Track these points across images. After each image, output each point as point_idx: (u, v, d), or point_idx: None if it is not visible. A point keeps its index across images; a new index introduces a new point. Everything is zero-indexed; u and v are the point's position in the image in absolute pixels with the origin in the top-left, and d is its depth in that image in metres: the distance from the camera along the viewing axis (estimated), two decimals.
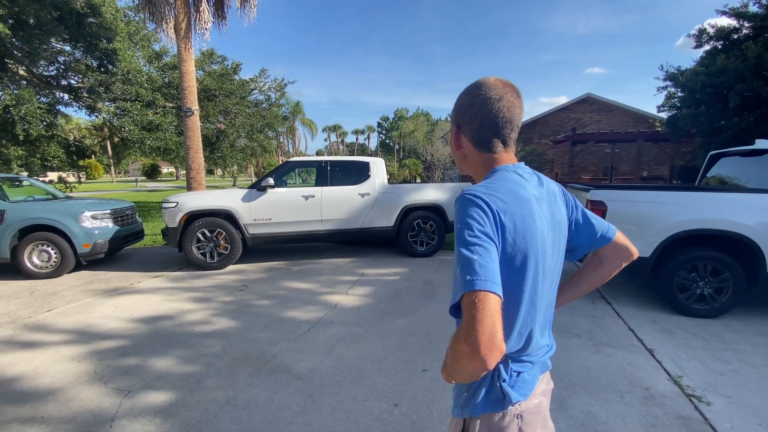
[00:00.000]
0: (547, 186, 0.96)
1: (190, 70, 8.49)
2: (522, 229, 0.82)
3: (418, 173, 29.72)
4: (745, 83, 8.65)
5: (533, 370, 0.90)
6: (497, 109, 0.89)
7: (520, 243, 0.81)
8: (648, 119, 19.10)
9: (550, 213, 0.90)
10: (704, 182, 5.02)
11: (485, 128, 0.91)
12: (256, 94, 15.32)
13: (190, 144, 8.67)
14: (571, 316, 3.80)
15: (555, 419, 2.18)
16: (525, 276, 0.83)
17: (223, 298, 4.37)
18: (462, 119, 0.95)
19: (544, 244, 0.86)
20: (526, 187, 0.88)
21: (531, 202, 0.85)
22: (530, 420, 0.87)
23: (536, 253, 0.84)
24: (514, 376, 0.87)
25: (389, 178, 6.56)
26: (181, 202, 5.60)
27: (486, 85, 0.91)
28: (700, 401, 2.38)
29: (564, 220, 0.96)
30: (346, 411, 2.28)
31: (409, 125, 52.12)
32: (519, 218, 0.82)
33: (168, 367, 2.81)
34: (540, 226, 0.85)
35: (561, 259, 0.95)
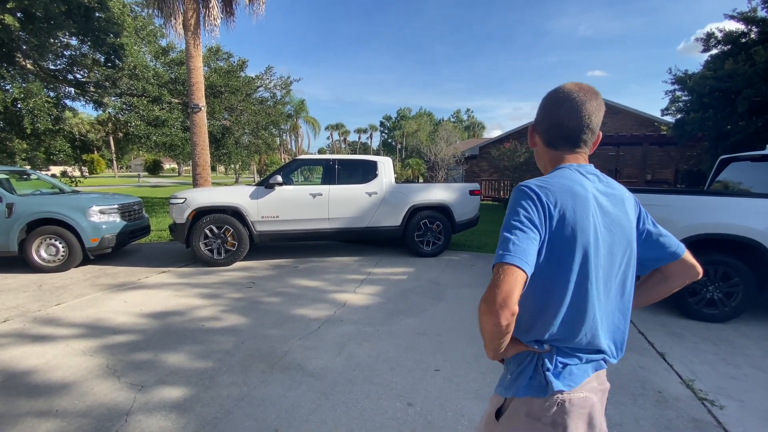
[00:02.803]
0: (613, 189, 0.98)
1: (198, 66, 8.50)
2: (572, 222, 0.87)
3: (421, 173, 29.70)
4: (754, 88, 8.63)
5: (583, 366, 0.93)
6: (564, 112, 0.96)
7: (569, 234, 0.87)
8: (653, 122, 19.04)
9: (608, 214, 0.93)
10: (714, 186, 5.01)
11: (553, 129, 1.00)
12: (262, 92, 15.33)
13: (197, 140, 8.68)
14: None
15: None
16: (572, 265, 0.88)
17: (231, 294, 4.38)
18: (537, 119, 1.04)
19: (597, 241, 0.89)
20: (584, 184, 0.93)
21: (587, 198, 0.90)
22: (571, 411, 0.89)
23: (585, 247, 0.88)
24: (560, 367, 0.91)
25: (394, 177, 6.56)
26: (189, 198, 5.61)
27: (560, 90, 0.98)
28: (713, 405, 2.38)
29: (629, 226, 0.97)
30: (360, 409, 2.28)
31: (412, 125, 52.10)
32: (570, 211, 0.87)
33: (180, 362, 2.82)
34: (593, 222, 0.89)
35: (624, 264, 0.95)
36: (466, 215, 6.58)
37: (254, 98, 14.98)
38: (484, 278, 5.15)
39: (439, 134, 21.89)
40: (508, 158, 15.76)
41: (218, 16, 8.76)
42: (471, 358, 2.95)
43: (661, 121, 17.81)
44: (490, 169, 21.00)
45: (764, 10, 10.02)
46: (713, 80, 9.65)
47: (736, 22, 10.53)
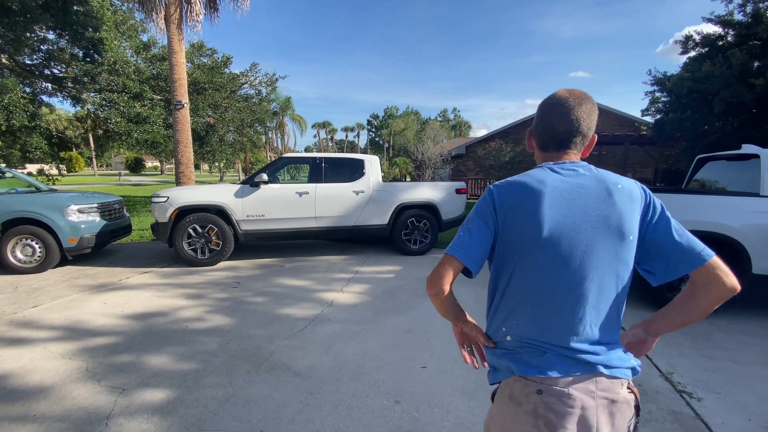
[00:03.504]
0: (593, 182, 0.97)
1: (181, 62, 8.32)
2: (518, 214, 0.95)
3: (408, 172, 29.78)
4: (730, 89, 8.91)
5: (551, 357, 0.93)
6: (554, 117, 1.02)
7: (517, 225, 0.95)
8: (634, 123, 19.49)
9: (573, 205, 0.94)
10: (691, 185, 5.16)
11: (545, 134, 1.05)
12: (247, 89, 15.12)
13: (180, 138, 8.51)
14: None
15: None
16: (521, 254, 0.95)
17: (216, 294, 4.31)
18: (533, 125, 1.10)
19: (554, 232, 0.92)
20: (544, 179, 0.97)
21: (540, 192, 0.94)
22: (553, 404, 0.90)
23: (533, 240, 0.93)
24: (519, 353, 0.97)
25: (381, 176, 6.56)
26: (171, 196, 5.50)
27: (552, 97, 1.04)
28: (691, 397, 2.45)
29: (614, 217, 0.93)
30: (347, 408, 2.28)
31: (400, 123, 52.15)
32: (518, 208, 0.95)
33: (163, 364, 2.76)
34: (543, 214, 0.93)
35: (604, 253, 0.92)
36: (452, 214, 6.62)
37: (239, 95, 14.78)
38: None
39: (426, 133, 21.99)
40: (494, 157, 15.94)
41: (201, 11, 8.60)
42: (457, 354, 2.97)
43: (641, 121, 18.25)
44: (476, 168, 21.19)
45: (741, 13, 10.34)
46: (691, 82, 9.92)
47: (713, 25, 10.85)
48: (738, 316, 3.81)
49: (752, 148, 4.09)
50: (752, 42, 9.76)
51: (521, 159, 15.76)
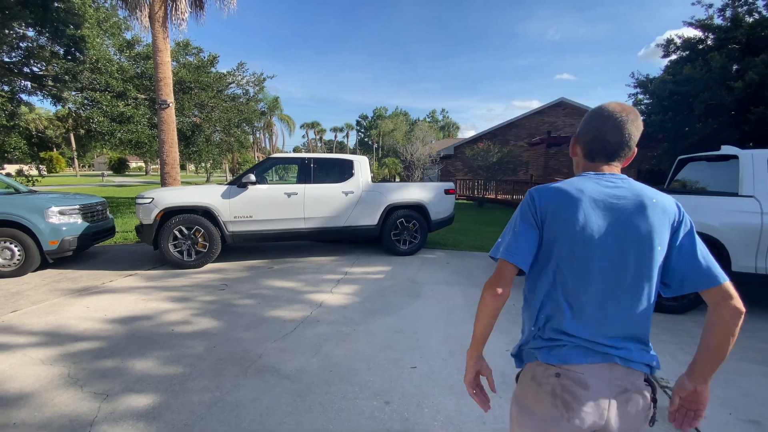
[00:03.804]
0: (631, 197, 1.04)
1: (166, 61, 8.18)
2: (559, 218, 1.03)
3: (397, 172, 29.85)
4: (710, 92, 9.16)
5: (573, 349, 1.03)
6: (608, 129, 1.08)
7: (556, 230, 1.04)
8: None
9: (611, 215, 1.03)
10: (673, 185, 5.28)
11: (595, 143, 1.11)
12: (234, 88, 14.94)
13: (165, 138, 8.36)
14: None
15: None
16: (556, 252, 1.04)
17: (203, 297, 4.25)
18: (580, 132, 1.16)
19: (588, 237, 1.02)
20: (583, 187, 1.06)
21: (573, 199, 1.04)
22: (569, 386, 1.01)
23: (571, 243, 1.02)
24: (545, 344, 1.06)
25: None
26: (157, 197, 5.40)
27: (605, 109, 1.10)
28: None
29: (646, 229, 1.01)
30: (337, 410, 2.27)
31: (389, 124, 52.23)
32: (556, 210, 1.04)
33: (148, 368, 2.71)
34: (582, 220, 1.02)
35: (632, 261, 1.01)
36: (441, 214, 6.65)
37: (226, 95, 14.60)
38: (459, 275, 5.22)
39: (415, 134, 22.09)
40: (482, 158, 16.07)
41: (186, 9, 8.47)
42: (447, 354, 2.98)
43: None
44: (465, 169, 21.35)
45: (720, 18, 10.65)
46: (672, 84, 10.17)
47: (694, 29, 11.17)
48: None
49: (731, 149, 4.21)
50: (731, 46, 10.07)
51: (508, 160, 15.93)
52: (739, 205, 3.75)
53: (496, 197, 16.89)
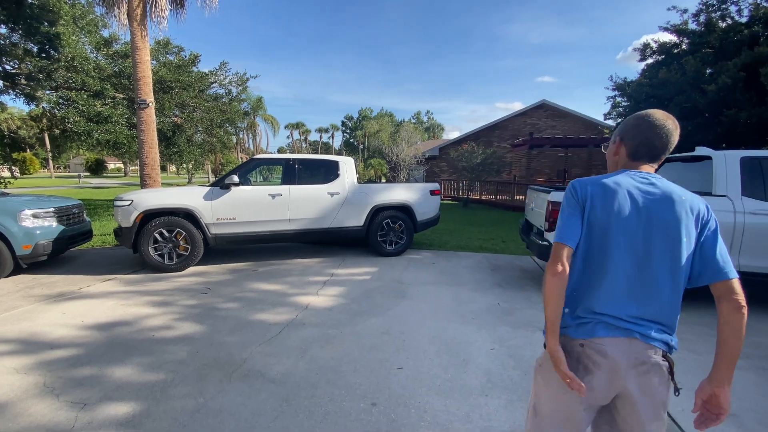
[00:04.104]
0: (663, 193, 1.19)
1: (145, 60, 7.99)
2: (599, 205, 1.19)
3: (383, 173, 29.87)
4: (684, 94, 9.46)
5: (598, 325, 1.18)
6: (656, 135, 1.22)
7: (597, 215, 1.19)
8: (597, 126, 20.35)
9: (644, 207, 1.17)
10: None
11: (642, 146, 1.25)
12: (216, 88, 14.70)
13: (145, 138, 8.16)
14: (533, 310, 3.99)
15: (525, 409, 2.27)
16: (595, 239, 1.20)
17: (185, 301, 4.16)
18: (626, 135, 1.28)
19: (622, 223, 1.17)
20: (620, 182, 1.21)
21: (615, 191, 1.19)
22: (592, 355, 1.18)
23: (606, 227, 1.18)
24: (575, 321, 1.22)
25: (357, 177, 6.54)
26: (136, 199, 5.26)
27: (654, 117, 1.23)
28: None
29: (674, 221, 1.15)
30: (323, 413, 2.25)
31: (374, 125, 52.25)
32: (597, 197, 1.20)
33: (128, 376, 2.63)
34: (618, 207, 1.17)
35: (662, 252, 1.15)
36: (427, 215, 6.69)
37: (208, 94, 14.35)
38: (445, 275, 5.26)
39: (401, 135, 22.14)
40: (466, 159, 16.23)
41: (167, 7, 8.29)
42: (433, 354, 3.00)
43: (603, 124, 19.09)
44: (450, 170, 21.52)
45: (694, 23, 11.02)
46: (649, 87, 10.47)
47: (669, 33, 11.53)
48: (697, 309, 4.04)
49: (705, 151, 4.36)
50: (705, 50, 10.43)
51: (492, 161, 16.12)
52: (712, 205, 3.87)
53: (480, 198, 17.08)
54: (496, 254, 6.73)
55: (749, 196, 3.91)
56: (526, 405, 2.35)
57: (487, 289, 4.72)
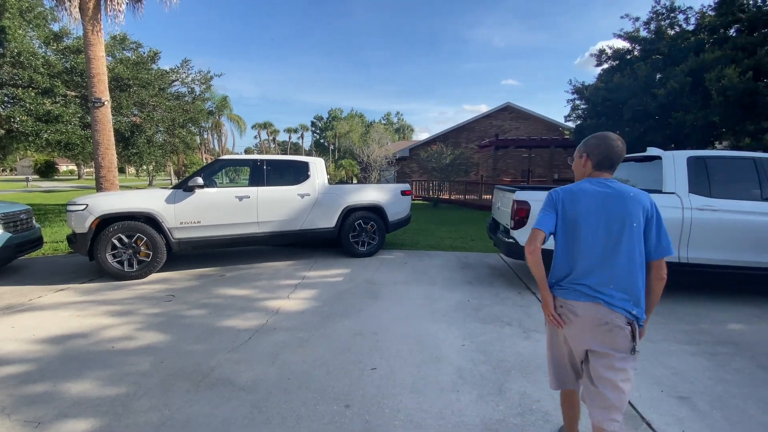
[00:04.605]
0: (616, 192, 1.60)
1: (99, 56, 7.56)
2: (568, 206, 1.66)
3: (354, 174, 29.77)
4: (636, 99, 10.04)
5: (573, 291, 1.63)
6: (613, 152, 1.66)
7: (568, 213, 1.66)
8: (558, 128, 21.22)
9: (602, 203, 1.60)
10: None
11: (605, 159, 1.68)
12: (178, 86, 14.12)
13: (100, 139, 7.72)
14: (502, 307, 4.11)
15: (496, 403, 2.33)
16: (567, 230, 1.67)
17: (147, 310, 3.97)
18: (591, 152, 1.70)
19: (586, 216, 1.61)
20: (583, 187, 1.67)
21: (578, 194, 1.65)
22: (566, 313, 1.64)
23: (576, 219, 1.63)
24: (560, 288, 1.68)
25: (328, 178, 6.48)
26: (91, 204, 4.97)
27: (609, 138, 1.68)
28: None
29: (625, 212, 1.56)
30: (296, 418, 2.22)
31: (345, 126, 51.98)
32: (567, 201, 1.67)
33: (86, 391, 2.48)
34: (583, 206, 1.62)
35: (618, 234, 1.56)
36: (398, 215, 6.73)
37: (169, 93, 13.75)
38: (417, 275, 5.31)
39: (371, 136, 22.16)
40: (435, 160, 16.48)
41: (122, 0, 7.88)
42: (406, 353, 3.02)
43: (564, 126, 19.94)
44: (420, 170, 21.77)
45: (646, 30, 11.72)
46: (605, 91, 11.04)
47: (623, 40, 12.20)
48: None
49: (655, 151, 4.65)
50: (655, 56, 11.11)
51: (460, 161, 16.46)
52: (662, 201, 4.15)
53: (450, 198, 17.39)
54: (465, 252, 6.88)
55: (696, 192, 4.21)
56: (496, 399, 2.42)
57: (457, 286, 4.82)
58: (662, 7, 11.31)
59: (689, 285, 4.75)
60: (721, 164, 4.35)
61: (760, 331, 3.58)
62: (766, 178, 4.23)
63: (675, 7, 11.20)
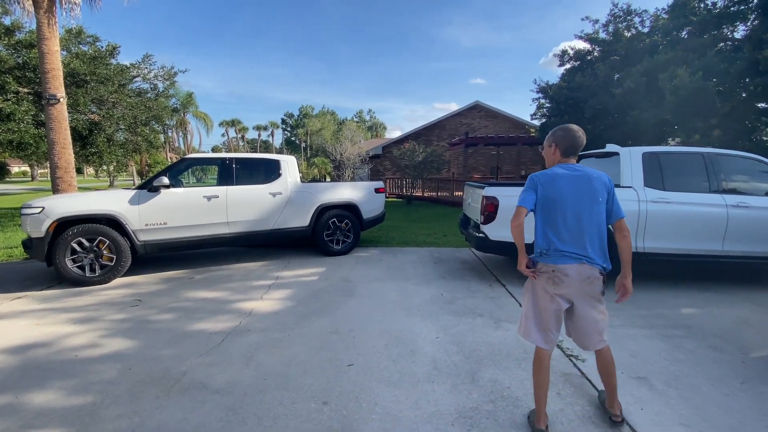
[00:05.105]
0: (579, 172, 2.02)
1: (54, 50, 7.14)
2: (545, 187, 2.03)
3: (327, 172, 29.53)
4: (596, 98, 10.50)
5: (563, 257, 1.99)
6: (577, 140, 2.07)
7: (546, 193, 2.02)
8: (524, 126, 21.87)
9: (574, 184, 2.00)
10: None
11: (570, 147, 2.08)
12: (140, 82, 13.53)
13: (56, 138, 7.30)
14: (474, 299, 4.23)
15: (469, 391, 2.42)
16: (548, 207, 2.03)
17: (112, 316, 3.82)
18: (559, 142, 2.10)
19: (563, 194, 1.99)
20: (556, 171, 2.05)
21: (555, 177, 2.03)
22: (559, 275, 2.00)
23: (554, 198, 2.00)
24: (549, 256, 2.03)
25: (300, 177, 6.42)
26: (48, 206, 4.71)
27: (575, 130, 2.08)
28: (577, 359, 2.88)
29: (591, 189, 1.99)
30: (273, 418, 2.21)
31: (316, 123, 51.41)
32: (544, 183, 2.04)
33: (50, 402, 2.37)
34: (560, 187, 2.00)
35: (588, 206, 1.98)
36: (373, 212, 6.77)
37: (130, 89, 13.15)
38: (392, 271, 5.37)
39: (344, 133, 22.01)
40: (408, 157, 16.60)
41: None
42: (382, 348, 3.07)
43: (530, 124, 20.58)
44: (393, 168, 21.87)
45: (604, 32, 12.25)
46: (567, 90, 11.49)
47: (583, 41, 12.71)
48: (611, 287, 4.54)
49: (614, 147, 4.91)
50: (613, 57, 11.66)
51: (432, 159, 16.67)
52: (620, 195, 4.38)
53: (423, 195, 17.58)
54: (438, 248, 7.00)
55: (650, 186, 4.48)
56: (470, 388, 2.51)
57: (431, 281, 4.91)
58: (620, 10, 11.88)
59: (647, 273, 5.05)
60: (673, 159, 4.65)
61: (711, 314, 3.87)
62: (713, 171, 4.56)
63: (632, 10, 11.79)
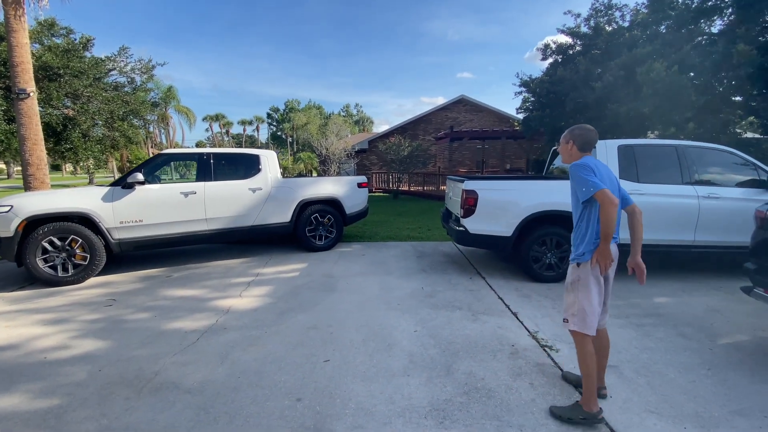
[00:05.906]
0: (605, 164, 2.31)
1: (23, 43, 6.86)
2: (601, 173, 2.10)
3: (314, 167, 29.30)
4: (577, 91, 10.61)
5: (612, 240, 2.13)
6: (593, 138, 2.23)
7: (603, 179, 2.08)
8: (509, 119, 22.01)
9: (608, 173, 2.17)
10: (550, 172, 6.07)
11: (587, 143, 2.23)
12: (116, 76, 13.14)
13: (27, 134, 7.04)
14: (453, 291, 4.26)
15: (443, 384, 2.43)
16: None
17: (85, 316, 3.72)
18: (575, 139, 2.25)
19: (612, 182, 2.16)
20: (595, 162, 2.16)
21: (598, 164, 2.14)
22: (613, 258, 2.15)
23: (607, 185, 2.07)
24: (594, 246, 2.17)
25: (284, 172, 6.33)
26: (17, 205, 4.55)
27: (591, 130, 2.25)
28: (551, 350, 2.93)
29: (616, 179, 2.22)
30: (245, 416, 2.19)
31: (302, 118, 50.87)
32: (598, 169, 2.11)
33: (15, 405, 2.30)
34: (606, 175, 2.13)
35: (616, 194, 2.14)
36: (356, 207, 6.73)
37: (106, 83, 12.77)
38: (374, 266, 5.36)
39: (330, 128, 21.80)
40: (394, 152, 16.57)
41: None
42: (360, 343, 3.06)
43: (514, 118, 20.72)
44: (380, 162, 21.82)
45: (586, 27, 12.36)
46: (549, 84, 11.59)
47: (565, 36, 12.82)
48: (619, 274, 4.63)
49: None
50: (594, 51, 11.79)
51: (418, 153, 16.67)
52: None
53: (409, 189, 17.60)
54: (422, 242, 7.03)
55: (625, 178, 4.55)
56: (444, 381, 2.52)
57: (413, 275, 4.93)
58: (601, 4, 12.00)
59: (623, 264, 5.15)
60: (647, 152, 4.74)
61: (682, 303, 3.98)
62: (686, 163, 4.66)
63: (612, 4, 11.92)
